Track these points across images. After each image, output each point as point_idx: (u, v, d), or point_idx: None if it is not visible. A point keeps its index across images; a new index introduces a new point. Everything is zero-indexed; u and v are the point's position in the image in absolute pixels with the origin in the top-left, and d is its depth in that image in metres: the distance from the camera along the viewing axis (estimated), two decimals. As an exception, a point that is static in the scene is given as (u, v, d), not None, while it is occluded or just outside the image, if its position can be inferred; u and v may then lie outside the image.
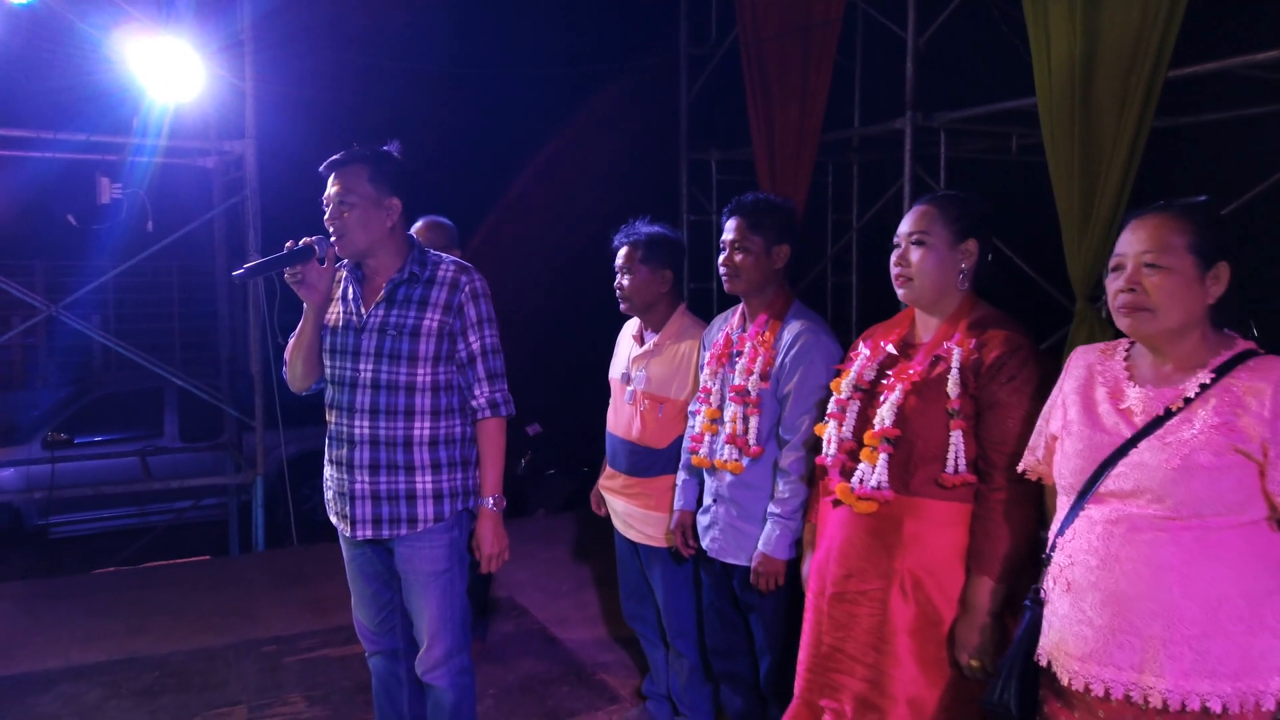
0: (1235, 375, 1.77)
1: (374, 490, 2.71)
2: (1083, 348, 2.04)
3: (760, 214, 2.86)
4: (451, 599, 2.79)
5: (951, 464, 2.20)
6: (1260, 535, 1.75)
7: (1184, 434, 1.75)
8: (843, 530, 2.36)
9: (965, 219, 2.34)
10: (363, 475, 2.71)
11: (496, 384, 2.79)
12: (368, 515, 2.72)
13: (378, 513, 2.72)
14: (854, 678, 2.32)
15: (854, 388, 2.43)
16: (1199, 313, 1.80)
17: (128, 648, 4.31)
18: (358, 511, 2.73)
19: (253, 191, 5.91)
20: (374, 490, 2.71)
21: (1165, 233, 1.80)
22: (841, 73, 6.30)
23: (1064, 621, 1.86)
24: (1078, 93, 3.76)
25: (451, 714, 2.84)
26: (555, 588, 5.13)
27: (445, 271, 2.76)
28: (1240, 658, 1.71)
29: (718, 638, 3.05)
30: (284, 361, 2.88)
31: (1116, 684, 1.77)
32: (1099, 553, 1.81)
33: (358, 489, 2.72)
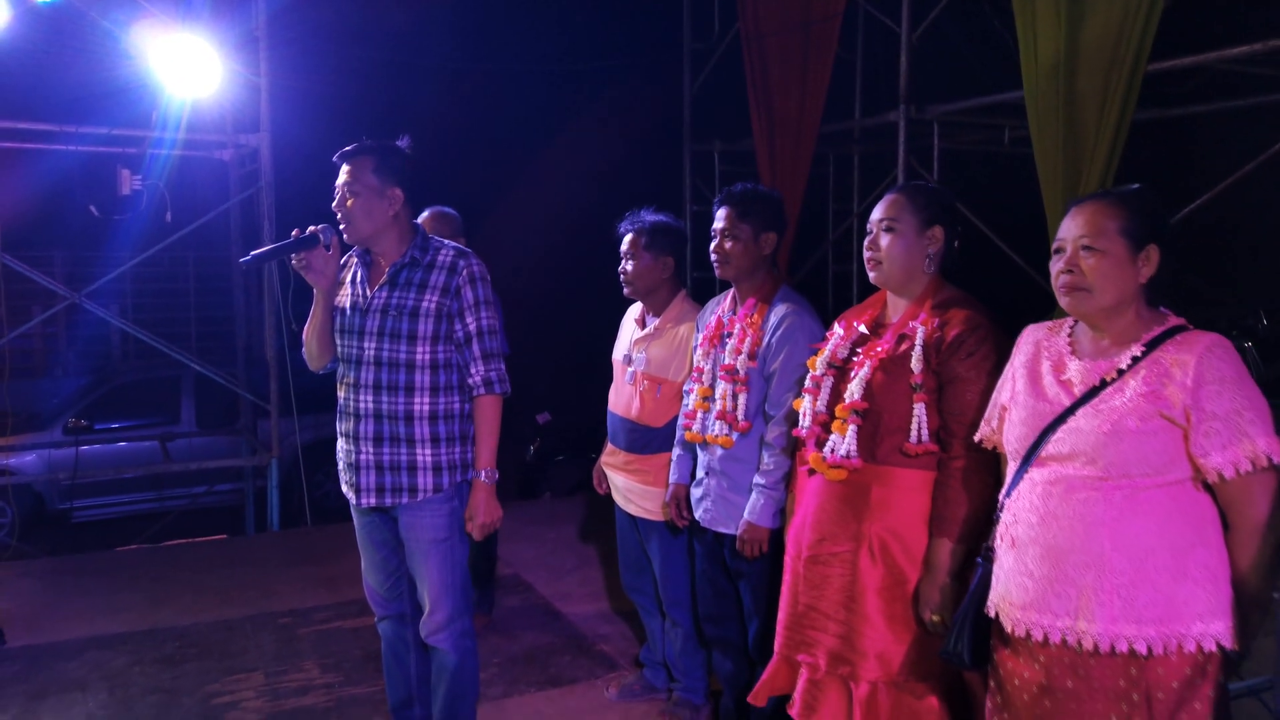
0: (1164, 349, 1.93)
1: (377, 461, 2.89)
2: (1032, 326, 2.20)
3: (748, 204, 3.02)
4: (452, 566, 2.96)
5: (915, 434, 2.37)
6: (1184, 494, 1.91)
7: (1115, 402, 1.92)
8: (816, 497, 2.53)
9: (932, 208, 2.50)
10: (367, 446, 2.90)
11: (492, 363, 2.95)
12: (371, 484, 2.91)
13: (380, 482, 2.90)
14: (827, 634, 2.49)
15: (828, 365, 2.59)
16: (1131, 291, 1.96)
17: (150, 619, 4.51)
18: (363, 480, 2.92)
19: (267, 183, 6.10)
20: (377, 461, 2.89)
21: (1100, 218, 1.96)
22: (843, 66, 6.46)
23: (1008, 574, 2.03)
24: (1062, 87, 3.90)
25: (454, 675, 3.02)
26: (559, 566, 5.31)
27: (445, 256, 2.94)
28: (1164, 605, 1.87)
29: (710, 605, 3.22)
30: (302, 343, 3.06)
31: (1054, 629, 1.94)
32: (1039, 511, 1.98)
33: (363, 459, 2.91)
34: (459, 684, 3.03)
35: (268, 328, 6.28)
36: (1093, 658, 1.91)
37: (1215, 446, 1.85)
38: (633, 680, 3.75)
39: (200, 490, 8.31)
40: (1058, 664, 1.96)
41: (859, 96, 6.60)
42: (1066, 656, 1.94)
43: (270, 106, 6.09)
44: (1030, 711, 2.01)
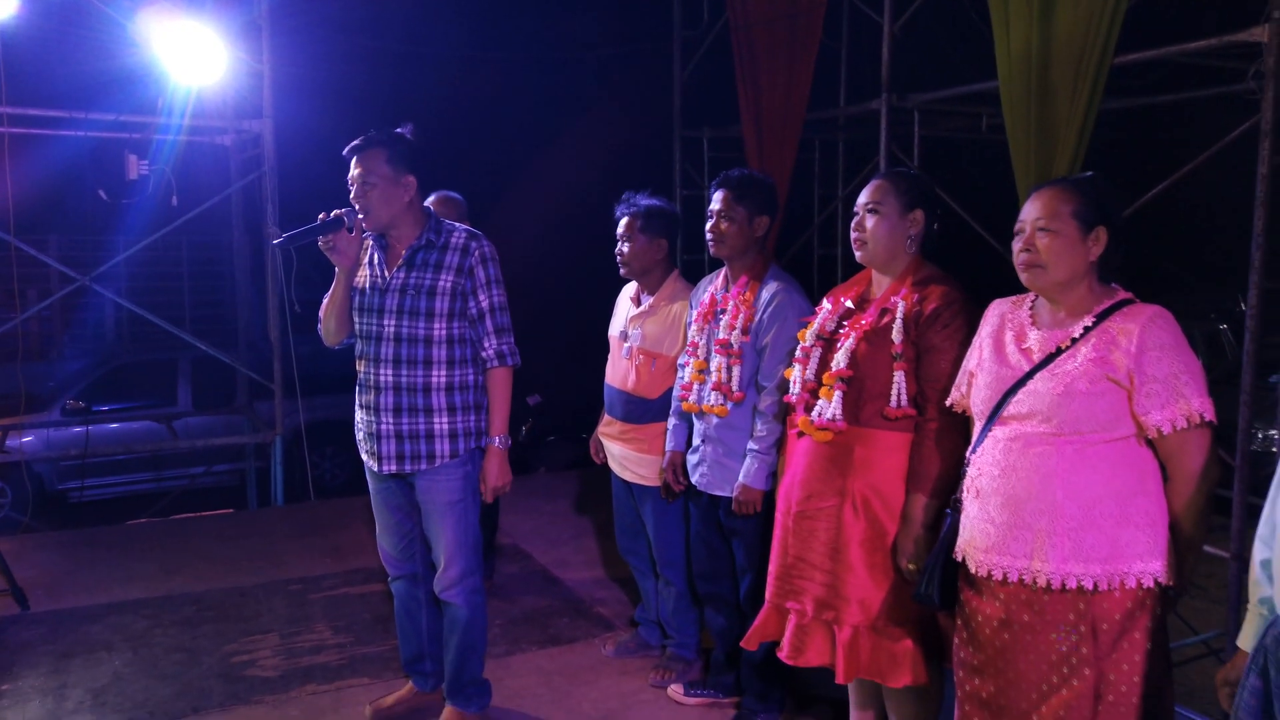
0: (1113, 319, 2.17)
1: (397, 430, 3.11)
2: (999, 300, 2.43)
3: (745, 187, 3.24)
4: (466, 526, 3.19)
5: (894, 399, 2.60)
6: (1129, 448, 2.14)
7: (1068, 366, 2.15)
8: (805, 457, 2.76)
9: (913, 192, 2.73)
10: (388, 417, 3.11)
11: (504, 337, 3.18)
12: (392, 452, 3.12)
13: (400, 450, 3.12)
14: (814, 583, 2.72)
15: (816, 337, 2.82)
16: (1082, 268, 2.19)
17: (165, 586, 4.72)
18: (384, 449, 3.13)
19: (270, 168, 6.27)
20: (397, 430, 3.11)
21: (1055, 202, 2.19)
22: (828, 55, 6.66)
23: (973, 522, 2.27)
24: (1034, 78, 4.11)
25: (465, 628, 3.25)
26: (556, 536, 5.54)
27: (458, 238, 3.15)
28: (1109, 546, 2.11)
29: (703, 563, 3.45)
30: (319, 319, 3.26)
31: (1013, 569, 2.18)
32: (1000, 464, 2.21)
33: (383, 429, 3.12)
34: (470, 636, 3.26)
35: (270, 309, 6.46)
36: (1046, 594, 2.15)
37: (1155, 406, 2.09)
38: (628, 638, 3.99)
39: (199, 471, 8.48)
40: (1016, 600, 2.20)
41: (844, 85, 6.81)
42: (1023, 594, 2.18)
43: (273, 93, 6.25)
44: (992, 644, 2.25)
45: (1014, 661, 2.22)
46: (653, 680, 3.68)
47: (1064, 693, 2.15)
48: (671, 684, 3.61)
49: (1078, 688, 2.14)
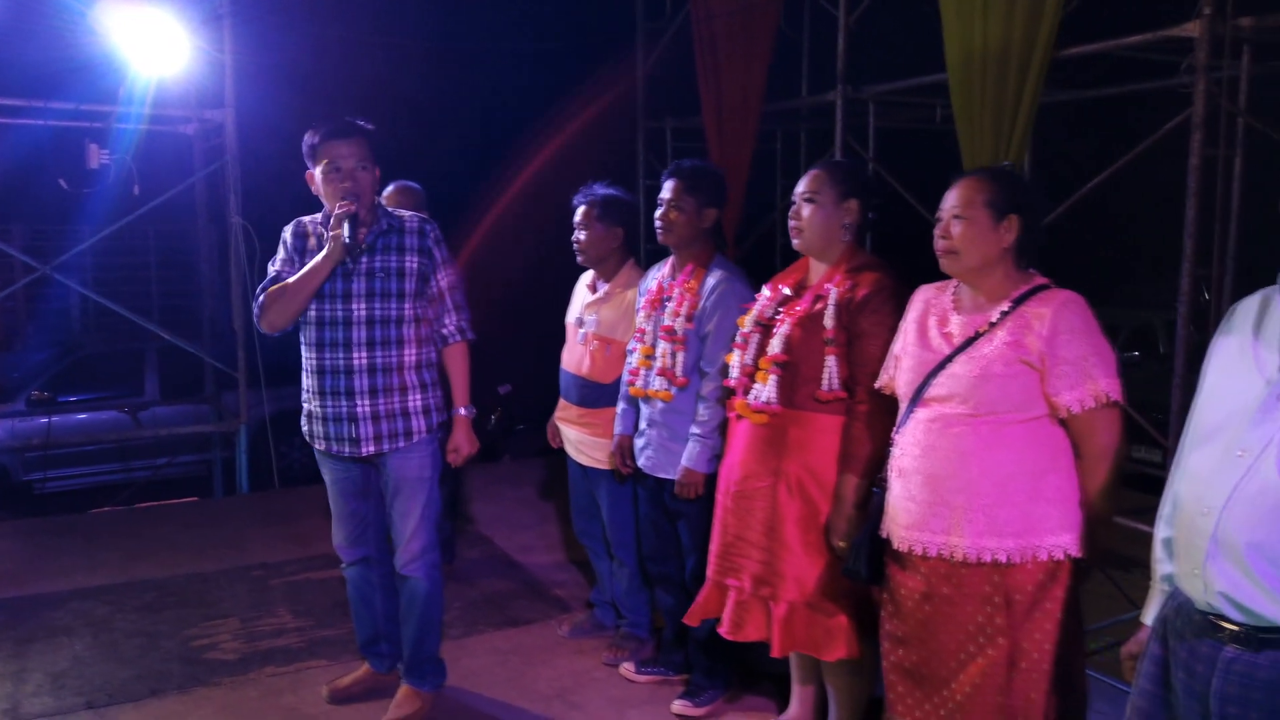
0: (1028, 304, 2.26)
1: (374, 411, 3.17)
2: (924, 286, 2.52)
3: (695, 179, 3.32)
4: (432, 500, 3.30)
5: (826, 383, 2.69)
6: (1042, 428, 2.24)
7: (985, 350, 2.25)
8: (743, 439, 2.85)
9: (848, 182, 2.82)
10: (364, 400, 3.16)
11: (462, 313, 3.32)
12: (370, 433, 3.18)
13: (379, 430, 3.18)
14: (751, 560, 2.82)
15: (755, 323, 2.91)
16: (995, 254, 2.29)
17: (128, 573, 4.76)
18: (362, 431, 3.17)
19: (233, 158, 6.28)
20: (374, 411, 3.17)
21: (970, 191, 2.29)
22: (791, 47, 6.75)
23: (896, 499, 2.37)
24: (980, 71, 4.21)
25: (425, 602, 3.33)
26: (519, 521, 5.62)
27: (411, 222, 3.24)
28: (1022, 521, 2.21)
29: (652, 544, 3.54)
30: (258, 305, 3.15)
31: (932, 545, 2.28)
32: (921, 444, 2.31)
33: (360, 412, 3.16)
34: (430, 611, 3.34)
35: (234, 297, 6.48)
36: (964, 567, 2.25)
37: (1065, 386, 2.19)
38: (584, 619, 4.07)
39: (163, 461, 8.47)
40: (936, 574, 2.30)
41: (806, 77, 6.89)
42: (943, 568, 2.28)
43: (235, 82, 6.26)
44: (914, 616, 2.35)
45: (935, 632, 2.32)
46: (606, 659, 3.76)
47: (980, 661, 2.26)
48: (624, 662, 3.70)
49: (993, 656, 2.25)
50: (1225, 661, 1.64)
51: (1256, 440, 1.60)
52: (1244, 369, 1.68)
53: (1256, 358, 1.67)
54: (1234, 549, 1.60)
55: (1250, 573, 1.59)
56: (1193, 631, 1.71)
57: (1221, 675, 1.64)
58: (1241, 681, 1.61)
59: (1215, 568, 1.63)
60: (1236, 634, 1.63)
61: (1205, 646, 1.68)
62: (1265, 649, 1.59)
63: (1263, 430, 1.60)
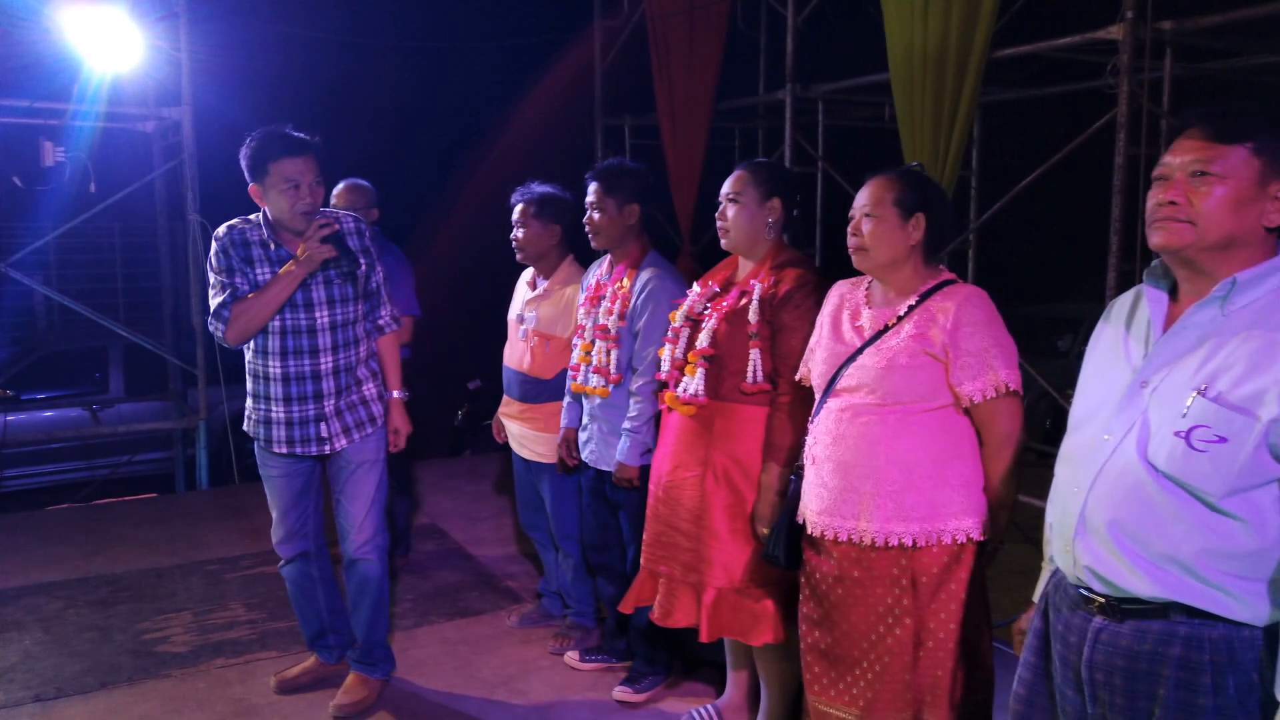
0: (934, 299, 2.36)
1: (338, 407, 3.27)
2: (840, 281, 2.61)
3: (613, 178, 3.39)
4: (382, 484, 3.42)
5: (751, 376, 2.78)
6: (947, 417, 2.34)
7: (892, 343, 2.34)
8: (673, 431, 2.94)
9: (771, 182, 2.90)
10: (331, 401, 3.26)
11: (392, 304, 3.48)
12: (338, 429, 3.28)
13: (345, 424, 3.29)
14: (681, 548, 2.90)
15: (685, 318, 2.99)
16: (903, 251, 2.38)
17: (82, 569, 4.79)
18: (332, 429, 3.27)
19: (190, 156, 6.30)
20: (338, 407, 3.27)
21: (879, 191, 2.38)
22: (748, 45, 6.84)
23: (810, 487, 2.46)
24: (918, 72, 4.32)
25: (377, 585, 3.42)
26: (475, 514, 5.68)
27: (347, 224, 3.32)
28: (927, 506, 2.31)
29: (594, 535, 3.62)
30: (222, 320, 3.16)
31: (842, 530, 2.37)
32: (832, 433, 2.40)
33: (328, 411, 3.26)
34: (381, 593, 3.44)
35: (194, 294, 6.50)
36: (872, 551, 2.35)
37: (968, 377, 2.28)
38: (532, 610, 4.15)
39: (124, 459, 8.46)
40: (847, 558, 2.39)
41: (763, 75, 6.99)
42: (853, 552, 2.38)
43: (192, 80, 6.27)
44: (828, 599, 2.45)
45: (847, 614, 2.41)
46: (552, 648, 3.84)
47: (889, 641, 2.35)
48: (569, 651, 3.78)
49: (900, 636, 2.34)
50: (1094, 632, 1.74)
51: (1120, 425, 1.71)
52: (1116, 359, 1.79)
53: (1126, 349, 1.78)
54: (1098, 526, 1.71)
55: (1112, 547, 1.69)
56: (1068, 605, 1.82)
57: (1090, 645, 1.75)
58: (1107, 650, 1.72)
59: (1082, 543, 1.74)
60: (1103, 606, 1.73)
61: (1077, 618, 1.79)
62: (1128, 619, 1.70)
63: (1127, 415, 1.70)
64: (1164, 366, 1.68)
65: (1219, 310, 1.65)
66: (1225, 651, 1.61)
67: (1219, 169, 1.63)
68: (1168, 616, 1.65)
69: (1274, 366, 1.56)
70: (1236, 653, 1.61)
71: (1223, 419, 1.58)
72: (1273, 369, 1.56)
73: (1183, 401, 1.62)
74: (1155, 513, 1.64)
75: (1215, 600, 1.61)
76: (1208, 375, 1.62)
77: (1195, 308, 1.67)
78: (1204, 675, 1.62)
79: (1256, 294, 1.64)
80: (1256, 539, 1.59)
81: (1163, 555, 1.64)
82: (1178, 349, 1.68)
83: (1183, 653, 1.64)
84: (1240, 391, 1.58)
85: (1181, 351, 1.67)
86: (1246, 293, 1.64)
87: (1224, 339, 1.63)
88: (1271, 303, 1.63)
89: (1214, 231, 1.64)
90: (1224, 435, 1.57)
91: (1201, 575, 1.62)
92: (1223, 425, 1.58)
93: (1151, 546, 1.65)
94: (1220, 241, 1.65)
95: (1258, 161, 1.63)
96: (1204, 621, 1.63)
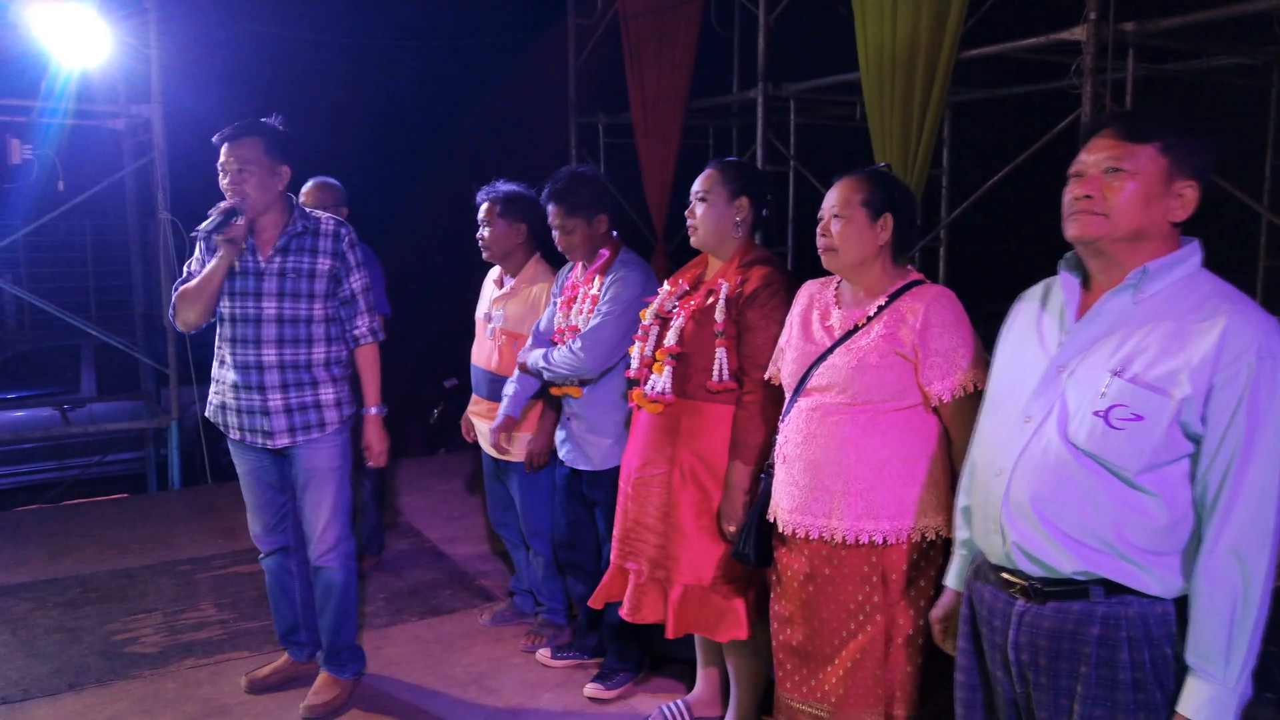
0: (903, 299, 2.38)
1: (287, 404, 3.25)
2: (810, 281, 2.64)
3: (571, 195, 3.38)
4: (344, 491, 3.37)
5: (717, 374, 2.79)
6: (916, 416, 2.36)
7: (862, 343, 2.36)
8: (641, 428, 2.96)
9: (739, 181, 2.92)
10: (276, 394, 3.23)
11: (373, 315, 3.40)
12: (284, 426, 3.25)
13: (292, 423, 3.26)
14: (649, 545, 2.92)
15: (655, 316, 3.01)
16: (872, 252, 2.40)
17: (51, 570, 4.75)
18: (275, 424, 3.25)
19: (161, 153, 6.25)
20: (287, 404, 3.25)
21: (848, 191, 2.40)
22: (722, 44, 6.86)
23: (781, 485, 2.48)
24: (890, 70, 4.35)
25: (341, 591, 3.41)
26: (449, 513, 5.68)
27: (328, 225, 3.30)
28: (896, 504, 2.33)
29: (563, 533, 3.62)
30: (171, 306, 3.26)
31: (814, 528, 2.40)
32: (803, 432, 2.42)
33: (273, 405, 3.24)
34: (345, 601, 3.41)
35: (166, 294, 6.44)
36: (843, 549, 2.37)
37: (936, 377, 2.31)
38: (504, 608, 4.16)
39: (94, 460, 8.38)
40: (818, 556, 2.41)
41: (737, 73, 7.01)
42: (824, 549, 2.40)
43: (162, 77, 6.23)
44: (799, 596, 2.47)
45: (818, 611, 2.44)
46: (523, 645, 3.85)
47: (860, 638, 2.38)
48: (541, 648, 3.79)
49: (871, 633, 2.37)
50: (1017, 614, 1.83)
51: (1040, 408, 1.80)
52: (1031, 345, 1.89)
53: (1041, 335, 1.88)
54: (1022, 505, 1.79)
55: (1037, 524, 1.77)
56: (991, 590, 1.90)
57: (1015, 627, 1.83)
58: (1030, 631, 1.80)
59: (1009, 523, 1.81)
60: (1025, 589, 1.82)
61: (1000, 602, 1.87)
62: (1050, 600, 1.79)
63: (1046, 399, 1.80)
64: (1080, 351, 1.78)
65: (1131, 298, 1.75)
66: (1141, 628, 1.71)
67: (1130, 166, 1.74)
68: (1087, 597, 1.74)
69: (1184, 350, 1.66)
70: (1151, 629, 1.71)
71: (1139, 398, 1.67)
72: (1183, 352, 1.66)
73: (1100, 383, 1.72)
74: (1076, 490, 1.73)
75: (1131, 575, 1.71)
76: (1123, 358, 1.71)
77: (1109, 295, 1.77)
78: (1122, 652, 1.71)
79: (1164, 283, 1.74)
80: (1168, 514, 1.69)
81: (1084, 530, 1.73)
82: (1093, 334, 1.77)
83: (1102, 631, 1.72)
84: (1154, 372, 1.67)
85: (1096, 337, 1.77)
86: (1156, 281, 1.74)
87: (1136, 325, 1.73)
88: (1178, 291, 1.73)
89: (1125, 224, 1.74)
90: (1140, 413, 1.67)
91: (1119, 550, 1.71)
92: (1139, 404, 1.67)
93: (1073, 522, 1.74)
94: (1130, 233, 1.75)
95: (1164, 160, 1.73)
96: (1120, 600, 1.72)
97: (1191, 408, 1.64)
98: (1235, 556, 1.63)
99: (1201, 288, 1.73)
